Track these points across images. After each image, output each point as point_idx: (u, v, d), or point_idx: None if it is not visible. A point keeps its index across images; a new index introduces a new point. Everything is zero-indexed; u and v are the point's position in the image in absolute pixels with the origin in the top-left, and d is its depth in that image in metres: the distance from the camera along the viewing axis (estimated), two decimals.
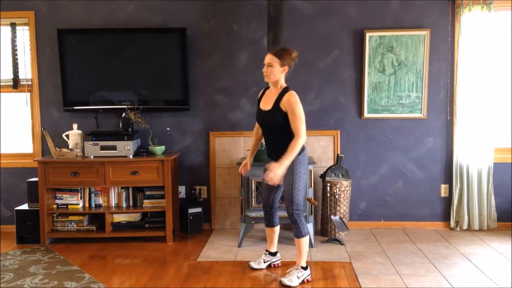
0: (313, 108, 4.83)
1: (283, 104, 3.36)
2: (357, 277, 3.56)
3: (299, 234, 3.45)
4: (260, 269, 3.74)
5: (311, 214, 4.33)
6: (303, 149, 3.47)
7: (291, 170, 3.41)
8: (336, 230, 4.43)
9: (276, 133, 3.46)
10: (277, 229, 3.76)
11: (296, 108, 3.33)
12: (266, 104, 3.49)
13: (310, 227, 4.26)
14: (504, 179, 4.76)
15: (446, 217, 4.84)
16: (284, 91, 3.41)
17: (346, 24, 4.74)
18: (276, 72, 3.39)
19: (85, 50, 4.74)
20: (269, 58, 3.41)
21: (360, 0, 4.71)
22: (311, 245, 4.25)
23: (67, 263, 3.92)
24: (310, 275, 3.50)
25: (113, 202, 4.63)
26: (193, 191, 4.90)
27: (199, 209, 4.77)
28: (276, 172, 3.24)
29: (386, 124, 4.81)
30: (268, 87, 3.59)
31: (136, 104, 4.60)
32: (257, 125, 3.71)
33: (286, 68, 3.41)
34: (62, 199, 4.58)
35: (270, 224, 3.73)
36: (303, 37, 4.75)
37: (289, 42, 4.65)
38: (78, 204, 4.58)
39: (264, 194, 3.71)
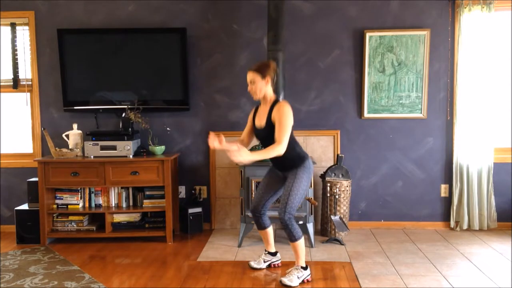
0: (313, 108, 4.83)
1: (273, 117, 3.36)
2: (357, 277, 3.55)
3: (293, 238, 3.43)
4: (260, 269, 3.74)
5: (311, 214, 4.33)
6: (306, 157, 3.48)
7: (294, 174, 3.42)
8: (336, 230, 4.43)
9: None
10: (269, 230, 3.75)
11: (283, 117, 3.30)
12: (260, 121, 3.49)
13: (310, 227, 4.26)
14: (504, 179, 4.76)
15: (446, 217, 4.84)
16: (274, 103, 3.41)
17: (346, 24, 4.74)
18: (261, 87, 3.40)
19: (85, 50, 4.74)
20: (250, 75, 3.42)
21: (360, 0, 4.71)
22: (311, 245, 4.25)
23: (67, 263, 3.92)
24: (310, 275, 3.50)
25: (113, 202, 4.63)
26: (193, 191, 4.90)
27: (199, 209, 4.77)
28: (243, 155, 3.10)
29: (386, 124, 4.81)
30: (260, 104, 3.58)
31: (136, 104, 4.60)
32: (241, 137, 3.65)
33: (269, 79, 3.41)
34: (62, 199, 4.58)
35: (261, 226, 3.72)
36: (303, 37, 4.75)
37: (289, 42, 4.66)
38: (78, 204, 4.58)
39: (257, 197, 3.67)
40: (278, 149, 3.26)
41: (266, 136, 3.43)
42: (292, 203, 3.38)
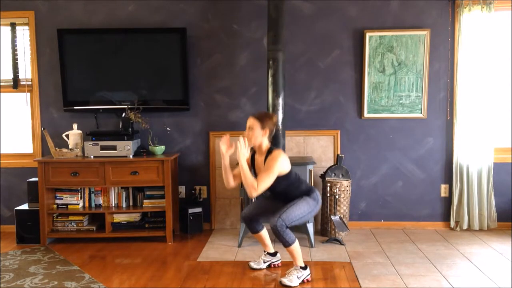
0: (313, 108, 4.83)
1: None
2: (357, 277, 3.55)
3: (286, 244, 3.41)
4: (260, 269, 3.74)
5: None
6: (314, 191, 3.55)
7: (301, 197, 3.48)
8: (336, 230, 4.43)
9: (280, 193, 3.51)
10: (263, 232, 3.76)
11: (272, 164, 3.33)
12: (258, 171, 3.52)
13: (310, 227, 4.26)
14: (504, 179, 4.75)
15: (446, 217, 4.84)
16: (268, 153, 3.43)
17: (346, 24, 4.74)
18: (257, 135, 3.42)
19: (85, 50, 4.74)
20: (250, 121, 3.45)
21: (360, 0, 4.71)
22: (311, 245, 4.25)
23: (67, 263, 3.92)
24: (310, 275, 3.49)
25: (113, 202, 4.63)
26: (193, 191, 4.90)
27: (199, 209, 4.77)
28: (242, 151, 3.26)
29: (386, 124, 4.81)
30: (255, 152, 3.58)
31: (136, 104, 4.60)
32: (235, 171, 3.61)
33: (267, 131, 3.44)
34: (62, 199, 4.58)
35: (253, 230, 3.74)
36: (303, 37, 4.75)
37: (289, 42, 4.66)
38: (78, 204, 4.58)
39: (251, 209, 3.69)
40: (253, 187, 3.27)
41: (275, 188, 3.46)
42: (289, 214, 3.39)
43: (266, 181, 3.31)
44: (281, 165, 3.37)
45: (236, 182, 3.56)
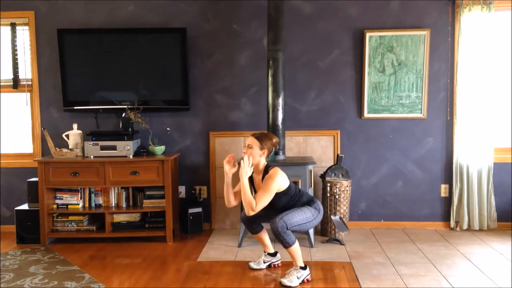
0: (313, 108, 4.83)
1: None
2: (357, 277, 3.55)
3: (286, 245, 3.41)
4: (260, 269, 3.74)
5: None
6: (315, 201, 3.60)
7: (304, 206, 3.51)
8: (336, 230, 4.43)
9: (281, 208, 3.51)
10: (262, 233, 3.76)
11: (269, 184, 3.38)
12: (258, 189, 3.55)
13: None
14: (504, 179, 4.75)
15: (446, 217, 4.84)
16: (265, 172, 3.47)
17: (346, 24, 4.74)
18: (255, 154, 3.45)
19: (85, 50, 4.74)
20: (250, 140, 3.49)
21: (360, 0, 4.71)
22: (311, 245, 4.25)
23: (67, 263, 3.92)
24: (309, 275, 3.49)
25: (113, 202, 4.63)
26: (193, 191, 4.90)
27: (199, 209, 4.77)
28: (245, 169, 3.36)
29: (386, 124, 4.81)
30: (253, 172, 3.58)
31: (136, 104, 4.60)
32: (236, 187, 3.63)
33: (265, 152, 3.48)
34: (62, 199, 4.58)
35: (253, 231, 3.75)
36: (303, 37, 4.75)
37: (289, 42, 4.66)
38: (78, 204, 4.58)
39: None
40: (251, 206, 3.34)
41: (270, 204, 3.46)
42: (291, 217, 3.40)
43: (263, 200, 3.37)
44: (278, 183, 3.41)
45: (237, 200, 3.61)
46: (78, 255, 4.15)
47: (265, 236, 3.78)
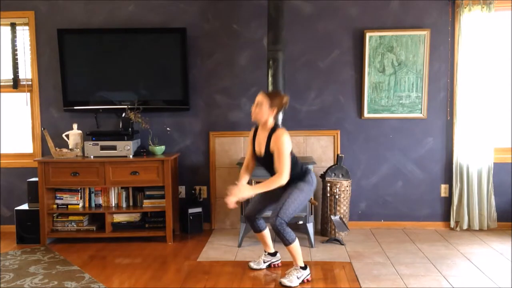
0: (313, 108, 4.83)
1: (272, 147, 3.39)
2: (357, 277, 3.55)
3: (286, 242, 3.42)
4: (260, 269, 3.74)
5: (311, 214, 4.33)
6: (308, 172, 3.54)
7: (295, 184, 3.45)
8: (336, 230, 4.43)
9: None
10: (265, 232, 3.75)
11: (281, 148, 3.34)
12: (260, 148, 3.51)
13: (310, 227, 4.26)
14: (504, 179, 4.76)
15: (446, 217, 4.84)
16: (272, 131, 3.42)
17: (346, 24, 4.74)
18: (264, 112, 3.40)
19: (85, 50, 4.74)
20: (260, 97, 3.43)
21: (360, 0, 4.71)
22: (311, 245, 4.25)
23: (67, 263, 3.92)
24: (309, 275, 3.49)
25: (113, 202, 4.63)
26: (193, 191, 4.90)
27: (199, 209, 4.77)
28: (243, 191, 3.35)
29: (386, 124, 4.81)
30: (258, 126, 3.57)
31: (136, 104, 4.60)
32: (245, 163, 3.67)
33: (275, 110, 3.42)
34: (62, 199, 4.58)
35: (256, 230, 3.73)
36: (303, 37, 4.75)
37: (289, 42, 4.66)
38: (78, 204, 4.58)
39: (253, 205, 3.69)
40: (280, 180, 3.33)
41: (266, 163, 3.48)
42: (286, 210, 3.38)
43: (285, 164, 3.32)
44: (288, 143, 3.37)
45: (253, 165, 3.63)
46: (78, 255, 4.15)
47: (267, 235, 3.77)
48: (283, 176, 3.32)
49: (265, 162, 3.50)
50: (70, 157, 4.51)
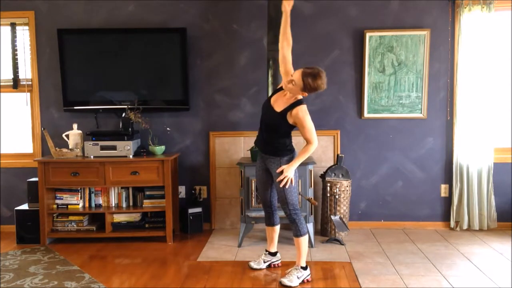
0: (313, 108, 4.81)
1: (290, 116, 3.40)
2: (357, 277, 3.56)
3: (298, 233, 3.47)
4: (260, 269, 3.74)
5: (311, 214, 4.33)
6: (292, 150, 3.56)
7: (281, 172, 3.46)
8: (336, 230, 4.43)
9: (272, 132, 3.51)
10: (277, 228, 3.77)
11: (305, 122, 3.40)
12: (277, 104, 3.47)
13: (310, 227, 4.26)
14: (504, 179, 4.75)
15: (446, 217, 4.84)
16: (296, 103, 3.41)
17: (346, 24, 4.74)
18: (295, 92, 3.40)
19: (85, 50, 4.74)
20: (297, 76, 3.31)
21: (360, 0, 4.71)
22: (311, 245, 4.25)
23: (67, 263, 3.92)
24: (310, 275, 3.50)
25: (113, 202, 4.63)
26: (193, 191, 4.90)
27: (199, 209, 4.77)
28: (290, 171, 3.44)
29: (386, 124, 4.81)
30: (283, 90, 3.52)
31: (136, 104, 4.60)
32: (282, 69, 3.61)
33: (305, 94, 3.43)
34: (62, 199, 4.58)
35: (270, 223, 3.74)
36: (303, 37, 4.75)
37: None
38: (78, 204, 4.58)
39: (261, 194, 3.73)
40: (311, 148, 3.46)
41: (271, 123, 3.47)
42: (290, 199, 3.48)
43: (312, 135, 3.43)
44: (309, 117, 3.43)
45: (289, 68, 3.53)
46: (78, 255, 4.15)
47: (277, 232, 3.79)
48: (313, 144, 3.44)
49: (273, 118, 3.45)
50: (70, 157, 4.51)
